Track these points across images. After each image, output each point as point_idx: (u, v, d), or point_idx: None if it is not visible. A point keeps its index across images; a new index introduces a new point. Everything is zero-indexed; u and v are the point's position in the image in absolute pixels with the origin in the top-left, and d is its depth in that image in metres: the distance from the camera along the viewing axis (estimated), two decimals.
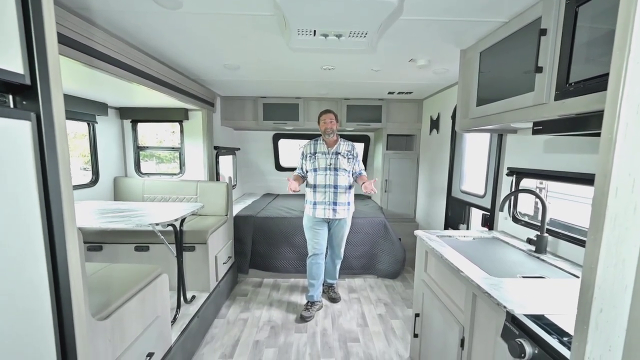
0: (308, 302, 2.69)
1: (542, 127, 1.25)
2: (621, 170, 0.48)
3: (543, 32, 1.19)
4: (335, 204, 2.54)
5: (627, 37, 0.47)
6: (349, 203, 2.62)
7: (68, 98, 2.41)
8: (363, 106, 3.71)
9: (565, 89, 1.10)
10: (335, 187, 2.53)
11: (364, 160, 4.70)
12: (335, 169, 2.53)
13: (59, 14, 1.35)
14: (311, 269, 2.65)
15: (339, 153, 2.56)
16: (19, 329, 0.54)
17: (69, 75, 1.86)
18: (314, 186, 2.56)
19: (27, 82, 0.57)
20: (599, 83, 0.96)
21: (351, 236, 3.17)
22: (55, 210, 0.60)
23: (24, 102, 0.58)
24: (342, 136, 2.71)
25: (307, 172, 2.64)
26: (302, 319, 2.55)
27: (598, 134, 0.53)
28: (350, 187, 2.62)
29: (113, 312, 1.22)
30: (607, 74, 0.51)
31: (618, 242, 0.50)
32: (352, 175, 2.65)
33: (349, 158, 2.59)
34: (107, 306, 1.21)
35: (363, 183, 2.43)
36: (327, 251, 2.82)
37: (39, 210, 0.57)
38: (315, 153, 2.58)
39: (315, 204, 2.56)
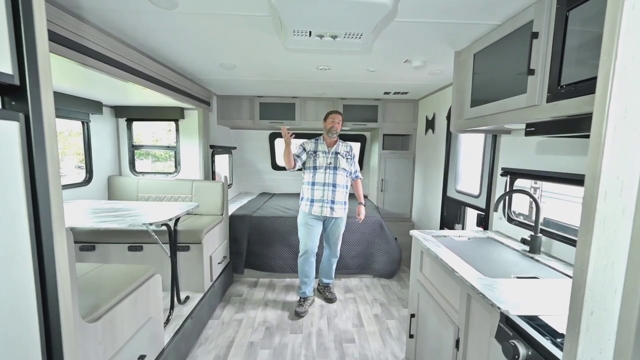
0: (301, 298, 2.73)
1: (534, 129, 1.26)
2: (610, 173, 0.49)
3: (535, 35, 1.20)
4: (333, 202, 2.58)
5: (614, 41, 0.47)
6: (345, 202, 2.66)
7: (62, 97, 2.39)
8: (359, 106, 3.73)
9: (557, 91, 1.11)
10: (334, 185, 2.58)
11: (360, 160, 4.72)
12: (335, 168, 2.59)
13: (53, 13, 1.34)
14: (303, 266, 2.69)
15: (339, 153, 2.62)
16: (4, 330, 0.54)
17: (63, 74, 1.84)
18: (313, 184, 2.59)
19: (16, 82, 0.56)
20: (589, 86, 0.97)
21: (347, 236, 3.18)
22: (43, 211, 0.59)
23: (13, 103, 0.57)
24: (339, 136, 2.73)
25: (304, 168, 2.67)
26: (297, 315, 2.60)
27: (589, 136, 0.53)
28: (347, 186, 2.67)
29: (104, 313, 1.20)
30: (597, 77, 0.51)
31: (607, 244, 0.50)
32: (349, 176, 2.70)
33: (347, 158, 2.66)
34: (98, 308, 1.19)
35: (359, 210, 2.74)
36: (323, 251, 2.85)
37: (26, 210, 0.57)
38: (316, 152, 2.62)
39: (312, 201, 2.59)
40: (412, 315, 1.87)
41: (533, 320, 0.96)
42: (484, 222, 2.21)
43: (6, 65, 0.54)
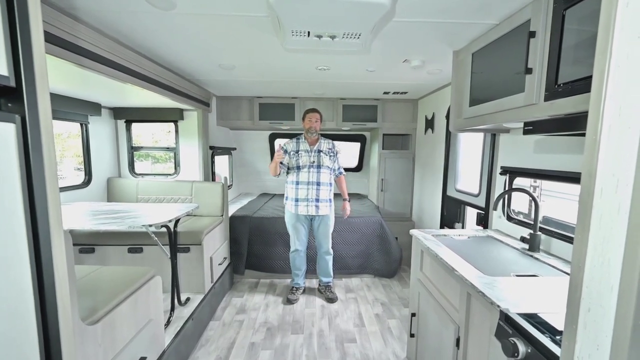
0: (293, 287, 2.91)
1: (532, 127, 1.26)
2: (605, 170, 0.49)
3: (532, 34, 1.20)
4: (317, 200, 2.61)
5: (609, 40, 0.47)
6: (330, 200, 2.69)
7: (60, 98, 2.39)
8: (359, 106, 3.73)
9: (554, 90, 1.11)
10: (318, 184, 2.61)
11: (360, 160, 4.72)
12: (319, 166, 2.62)
13: (49, 14, 1.34)
14: (294, 261, 2.83)
15: (321, 151, 2.65)
16: (2, 332, 0.54)
17: (60, 76, 1.84)
18: (297, 183, 2.61)
19: (12, 84, 0.56)
20: (586, 84, 0.98)
21: (347, 235, 3.19)
22: (41, 213, 0.59)
23: (9, 105, 0.57)
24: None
25: (288, 168, 2.69)
26: (289, 302, 2.79)
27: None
28: (330, 184, 2.70)
29: (104, 315, 1.20)
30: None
31: (604, 241, 0.50)
32: (332, 173, 2.74)
33: (330, 155, 2.68)
34: (97, 310, 1.19)
35: (344, 206, 2.80)
36: (316, 251, 2.90)
37: (23, 212, 0.57)
38: (298, 151, 2.64)
39: (297, 200, 2.62)
40: (413, 315, 1.87)
41: (532, 318, 0.96)
42: (483, 220, 2.21)
43: (2, 66, 0.54)
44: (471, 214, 2.58)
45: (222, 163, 4.11)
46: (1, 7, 0.53)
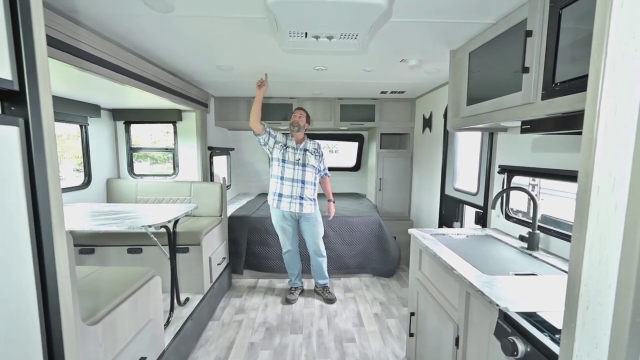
0: (292, 287, 2.94)
1: (530, 126, 1.27)
2: (602, 169, 0.49)
3: (529, 33, 1.21)
4: (302, 198, 2.63)
5: (604, 40, 0.48)
6: (314, 199, 2.71)
7: (60, 100, 2.39)
8: (356, 105, 3.74)
9: (551, 89, 1.12)
10: (303, 182, 2.63)
11: (359, 159, 4.73)
12: (304, 165, 2.64)
13: (49, 17, 1.34)
14: (288, 262, 2.89)
15: (307, 150, 2.68)
16: (5, 333, 0.54)
17: (60, 78, 1.84)
18: (282, 178, 2.63)
19: (16, 87, 0.56)
20: (582, 83, 0.98)
21: (346, 235, 3.19)
22: (43, 214, 0.60)
23: (12, 108, 0.58)
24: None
25: (272, 159, 2.68)
26: (287, 302, 2.82)
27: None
28: (315, 184, 2.73)
29: (104, 316, 1.21)
30: None
31: (601, 240, 0.50)
32: (317, 173, 2.75)
33: (316, 155, 2.71)
34: (98, 310, 1.20)
35: (328, 207, 2.83)
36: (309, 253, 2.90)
37: (26, 213, 0.57)
38: (286, 146, 2.66)
39: (281, 196, 2.64)
40: (412, 314, 1.88)
41: (531, 317, 0.97)
42: (482, 219, 2.22)
43: (5, 71, 0.54)
44: (469, 213, 2.59)
45: (220, 163, 4.11)
46: (4, 12, 0.53)
